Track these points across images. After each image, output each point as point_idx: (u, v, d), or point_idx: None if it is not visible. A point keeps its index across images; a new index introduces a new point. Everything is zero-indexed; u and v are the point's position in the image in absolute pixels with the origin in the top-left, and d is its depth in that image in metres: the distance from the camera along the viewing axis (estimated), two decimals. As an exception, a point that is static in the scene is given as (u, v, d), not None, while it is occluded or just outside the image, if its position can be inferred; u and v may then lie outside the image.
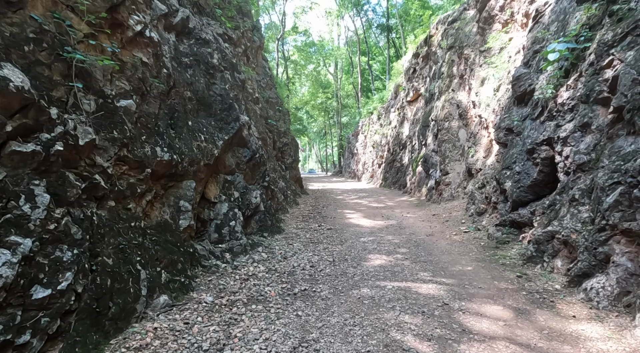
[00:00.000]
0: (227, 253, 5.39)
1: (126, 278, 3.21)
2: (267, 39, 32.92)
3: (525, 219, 6.00)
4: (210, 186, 5.85)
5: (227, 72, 6.90)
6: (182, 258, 4.27)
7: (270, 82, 17.54)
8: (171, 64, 5.10)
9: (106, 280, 2.98)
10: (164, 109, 4.79)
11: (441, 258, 5.63)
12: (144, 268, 3.49)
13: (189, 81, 5.55)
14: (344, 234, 7.74)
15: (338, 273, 4.91)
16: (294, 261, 5.46)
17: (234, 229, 5.85)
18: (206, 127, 5.75)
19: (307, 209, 11.71)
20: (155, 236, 4.06)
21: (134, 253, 3.47)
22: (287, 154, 15.90)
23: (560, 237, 4.54)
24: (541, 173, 6.01)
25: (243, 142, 7.04)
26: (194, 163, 5.02)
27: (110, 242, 3.21)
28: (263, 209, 7.26)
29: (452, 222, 8.53)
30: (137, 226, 3.76)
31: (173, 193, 4.70)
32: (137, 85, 4.22)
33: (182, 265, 4.19)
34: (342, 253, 6.07)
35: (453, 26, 15.44)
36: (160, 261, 3.88)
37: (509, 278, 4.55)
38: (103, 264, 3.02)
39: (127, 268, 3.28)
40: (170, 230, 4.40)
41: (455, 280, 4.55)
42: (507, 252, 5.65)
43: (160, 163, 4.31)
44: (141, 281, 3.37)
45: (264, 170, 7.93)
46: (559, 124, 5.60)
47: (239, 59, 11.40)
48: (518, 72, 7.52)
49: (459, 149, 12.14)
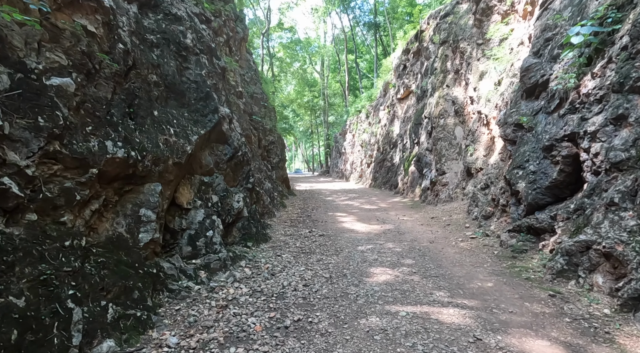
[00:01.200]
0: (203, 270, 4.46)
1: (48, 323, 2.27)
2: (252, 35, 31.74)
3: (544, 225, 5.33)
4: (183, 189, 4.90)
5: (204, 56, 5.94)
6: (140, 282, 3.33)
7: (255, 77, 16.53)
8: (131, 39, 4.12)
9: (10, 332, 2.03)
10: (121, 94, 3.82)
11: (453, 271, 4.88)
12: (79, 305, 2.55)
13: (155, 63, 4.58)
14: (338, 241, 6.91)
15: (337, 294, 4.07)
16: (283, 278, 4.59)
17: (211, 240, 4.92)
18: (177, 119, 4.79)
19: (296, 212, 10.83)
20: (103, 256, 3.11)
21: (65, 285, 2.52)
22: (274, 153, 14.96)
23: (599, 248, 3.85)
24: (562, 173, 5.35)
25: (223, 138, 6.10)
26: (159, 161, 4.07)
27: (23, 273, 2.26)
28: (247, 215, 6.34)
29: (455, 226, 7.84)
30: (74, 246, 2.80)
31: (131, 199, 3.74)
32: (80, 60, 3.25)
33: (141, 293, 3.25)
34: (339, 266, 5.24)
35: (446, 20, 14.87)
36: (108, 290, 2.94)
37: (540, 298, 3.82)
38: (7, 308, 2.07)
39: (52, 308, 2.34)
40: (125, 246, 3.44)
41: (479, 302, 3.80)
42: (527, 263, 4.96)
43: (111, 162, 3.35)
44: (73, 324, 2.42)
45: (247, 170, 7.00)
46: (584, 118, 4.95)
47: (220, 47, 10.40)
48: (527, 62, 6.88)
49: (456, 147, 11.54)
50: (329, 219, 9.54)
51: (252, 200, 7.54)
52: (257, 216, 7.08)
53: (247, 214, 6.36)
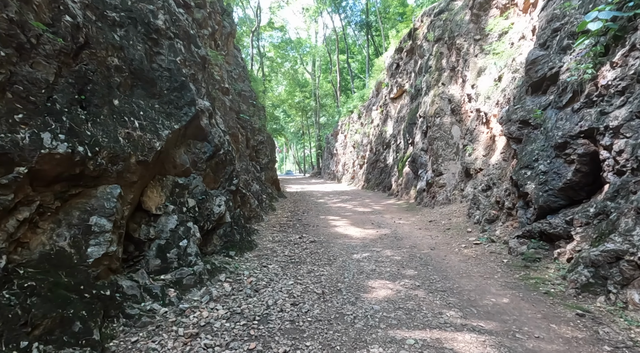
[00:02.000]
0: (173, 287, 3.79)
1: None
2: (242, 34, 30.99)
3: (559, 231, 4.82)
4: (151, 192, 4.22)
5: (180, 42, 5.28)
6: (85, 310, 2.65)
7: (243, 74, 15.83)
8: (84, 13, 3.45)
9: None
10: (68, 77, 3.14)
11: (462, 284, 4.32)
12: (-17, 351, 1.88)
13: (117, 44, 3.91)
14: (331, 248, 6.30)
15: (331, 316, 3.46)
16: (268, 295, 3.95)
17: (185, 251, 4.25)
18: (145, 111, 4.12)
19: (286, 215, 10.18)
20: (33, 279, 2.43)
21: (-38, 325, 1.85)
22: (263, 154, 14.27)
23: (633, 259, 3.34)
24: (577, 173, 4.86)
25: (202, 134, 5.43)
26: (117, 159, 3.39)
27: None
28: (229, 221, 5.68)
29: (456, 230, 7.32)
30: (-15, 269, 2.12)
31: (79, 205, 3.05)
32: (7, 30, 2.57)
33: (84, 324, 2.58)
34: (332, 278, 4.63)
35: (440, 17, 14.47)
36: (35, 325, 2.26)
37: (567, 318, 3.28)
38: None
39: None
40: (67, 264, 2.76)
41: (497, 324, 3.23)
42: (542, 274, 4.43)
43: (49, 158, 2.67)
44: (-31, 381, 1.75)
45: (231, 170, 6.34)
46: (604, 111, 4.46)
47: (204, 40, 9.71)
48: (533, 55, 6.41)
49: (453, 147, 11.07)
50: (321, 223, 8.92)
51: (237, 204, 6.88)
52: (241, 222, 6.42)
53: (229, 219, 5.69)
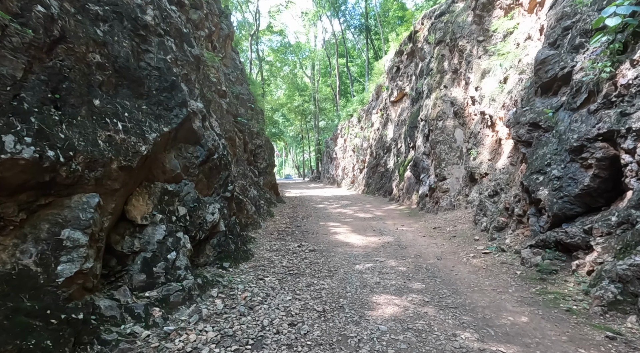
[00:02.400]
0: (158, 306, 3.43)
1: None
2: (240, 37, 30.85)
3: (577, 241, 4.49)
4: (136, 200, 3.88)
5: (171, 39, 4.97)
6: (51, 338, 2.30)
7: (241, 77, 15.56)
8: (60, 4, 3.14)
9: None
10: (40, 74, 2.82)
11: (474, 300, 3.97)
12: None
13: (100, 40, 3.59)
14: (332, 258, 5.96)
15: (333, 338, 3.11)
16: (263, 313, 3.60)
17: (173, 264, 3.91)
18: (130, 112, 3.80)
19: (284, 222, 9.83)
20: (-13, 305, 2.09)
21: None
22: (261, 158, 13.95)
23: (668, 275, 3.01)
24: (596, 178, 4.54)
25: (194, 137, 5.11)
26: (96, 164, 3.06)
27: None
28: (224, 229, 5.34)
29: (462, 238, 6.98)
30: None
31: (48, 216, 2.71)
32: (-36, 19, 2.26)
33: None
34: (333, 292, 4.28)
35: (441, 19, 14.26)
36: (-16, 362, 1.92)
37: (596, 342, 2.94)
38: None
39: None
40: (32, 285, 2.42)
41: (520, 349, 2.89)
42: (561, 288, 4.09)
43: (11, 164, 2.34)
44: None
45: (226, 176, 6.00)
46: (625, 113, 4.16)
47: (201, 41, 9.44)
48: (543, 54, 6.13)
49: (456, 151, 10.76)
50: (321, 230, 8.57)
51: (232, 211, 6.54)
52: (237, 230, 6.07)
53: (224, 228, 5.35)
